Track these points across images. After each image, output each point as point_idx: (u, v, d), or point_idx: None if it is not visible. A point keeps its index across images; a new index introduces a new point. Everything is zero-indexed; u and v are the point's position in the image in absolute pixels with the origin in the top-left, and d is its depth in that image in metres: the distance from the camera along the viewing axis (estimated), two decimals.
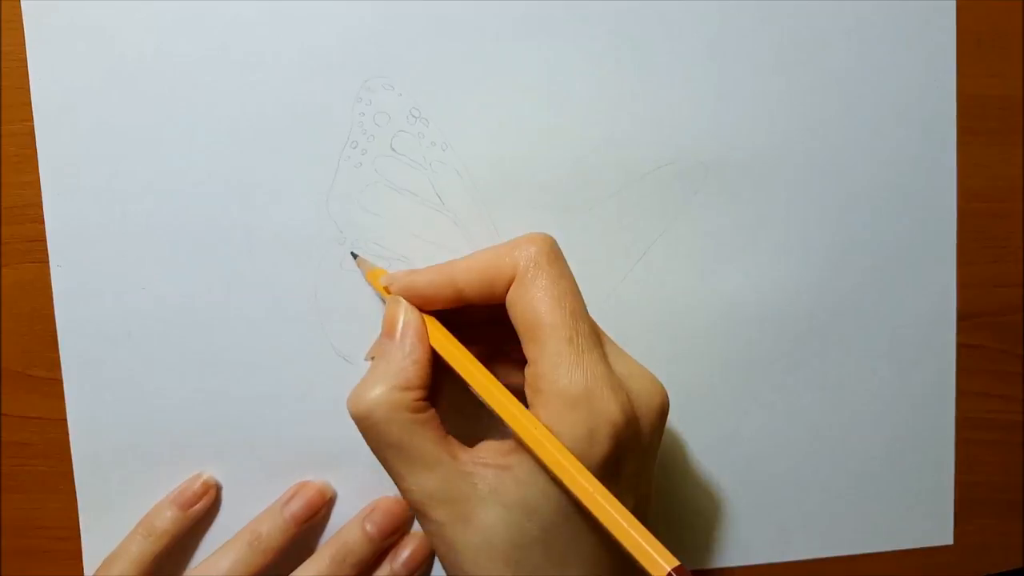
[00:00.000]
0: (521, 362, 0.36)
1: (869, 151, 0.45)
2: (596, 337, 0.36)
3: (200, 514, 0.43)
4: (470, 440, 0.36)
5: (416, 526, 0.45)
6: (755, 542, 0.47)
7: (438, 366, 0.37)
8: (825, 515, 0.48)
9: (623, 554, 0.32)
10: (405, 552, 0.44)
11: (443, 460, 0.34)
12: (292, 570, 0.42)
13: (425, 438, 0.35)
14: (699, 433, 0.46)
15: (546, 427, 0.33)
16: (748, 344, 0.46)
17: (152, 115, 0.41)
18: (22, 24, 0.40)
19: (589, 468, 0.32)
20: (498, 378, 0.36)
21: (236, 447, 0.44)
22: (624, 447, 0.34)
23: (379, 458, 0.36)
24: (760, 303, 0.45)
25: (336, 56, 0.41)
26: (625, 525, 0.31)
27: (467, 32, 0.42)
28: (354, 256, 0.43)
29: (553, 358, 0.34)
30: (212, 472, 0.44)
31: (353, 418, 0.35)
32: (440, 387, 0.37)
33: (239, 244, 0.42)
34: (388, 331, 0.37)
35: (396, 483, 0.35)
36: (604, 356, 0.35)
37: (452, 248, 0.43)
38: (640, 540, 0.30)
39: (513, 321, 0.36)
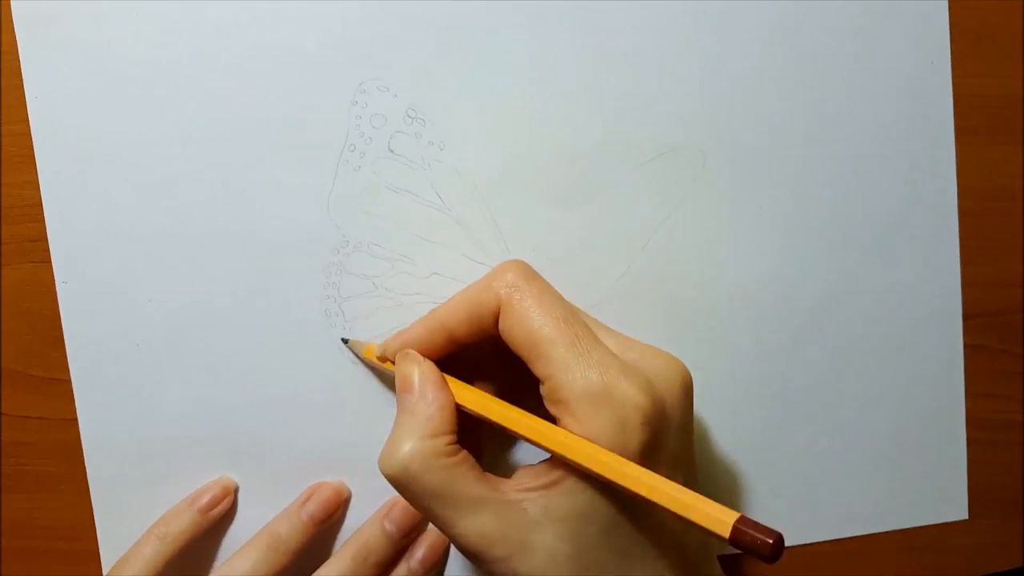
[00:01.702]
0: (535, 385, 0.37)
1: (866, 144, 0.45)
2: (595, 335, 0.36)
3: (218, 518, 0.43)
4: (504, 475, 0.37)
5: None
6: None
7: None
8: (837, 495, 0.48)
9: (680, 539, 0.34)
10: (420, 551, 0.44)
11: (488, 497, 0.35)
12: (311, 570, 0.42)
13: (466, 480, 0.35)
14: (706, 418, 0.46)
15: (574, 433, 0.34)
16: (752, 330, 0.46)
17: (150, 122, 0.41)
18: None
19: (629, 458, 0.33)
20: (523, 405, 0.36)
21: (244, 451, 0.44)
22: (657, 429, 0.34)
23: (423, 511, 0.36)
24: (763, 290, 0.45)
25: (331, 59, 0.41)
26: (679, 496, 0.31)
27: (460, 30, 0.42)
28: (345, 342, 0.43)
29: (562, 366, 0.34)
30: (222, 476, 0.44)
31: (389, 478, 0.35)
32: (463, 431, 0.37)
33: (240, 249, 0.42)
34: (405, 387, 0.37)
35: (446, 531, 0.35)
36: (609, 350, 0.36)
37: (454, 247, 0.43)
38: (698, 505, 0.31)
39: (513, 347, 0.37)
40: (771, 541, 0.29)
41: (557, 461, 0.35)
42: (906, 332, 0.46)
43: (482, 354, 0.39)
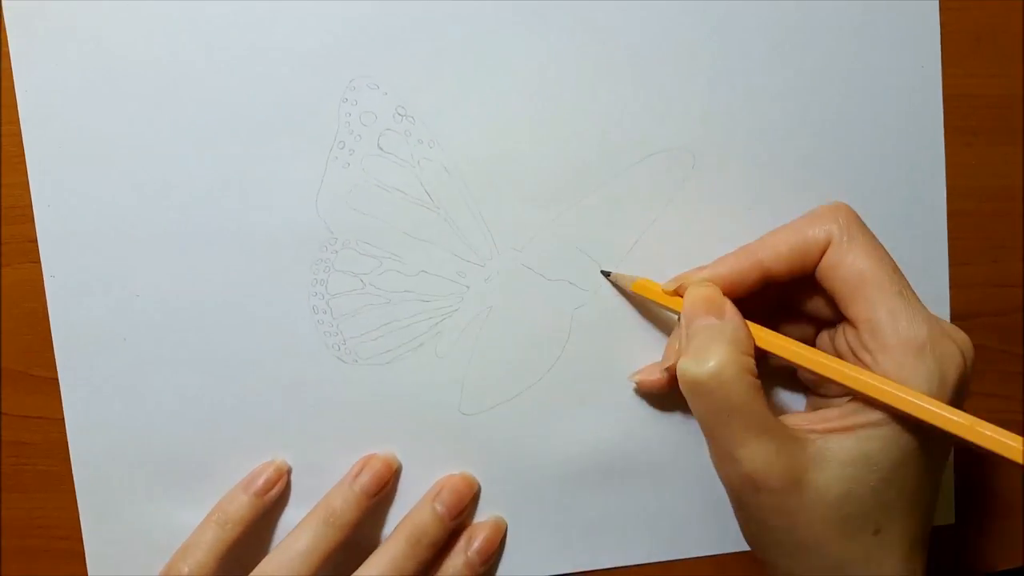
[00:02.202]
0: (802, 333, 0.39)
1: (857, 147, 0.45)
2: (915, 294, 0.37)
3: (274, 500, 0.44)
4: None
5: (481, 515, 0.46)
6: None
7: None
8: None
9: (932, 501, 0.37)
10: (477, 542, 0.44)
11: (779, 426, 0.35)
12: (363, 550, 0.43)
13: (764, 404, 0.35)
14: (692, 421, 0.45)
15: (893, 377, 0.35)
16: None
17: (139, 119, 0.41)
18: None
19: None
20: None
21: (231, 447, 0.44)
22: (964, 391, 0.36)
23: (716, 423, 0.36)
24: None
25: (321, 57, 0.42)
26: (1012, 443, 0.32)
27: (450, 29, 0.42)
28: (606, 274, 0.44)
29: (890, 310, 0.35)
30: (213, 475, 0.44)
31: (698, 382, 0.36)
32: None
33: (228, 245, 0.42)
34: (704, 310, 0.38)
35: (731, 449, 0.36)
36: (928, 311, 0.36)
37: (443, 245, 0.43)
38: (998, 436, 0.32)
39: (830, 286, 0.37)
40: None
41: (845, 409, 0.36)
42: None
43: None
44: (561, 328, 0.44)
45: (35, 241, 0.42)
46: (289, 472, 0.44)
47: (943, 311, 0.46)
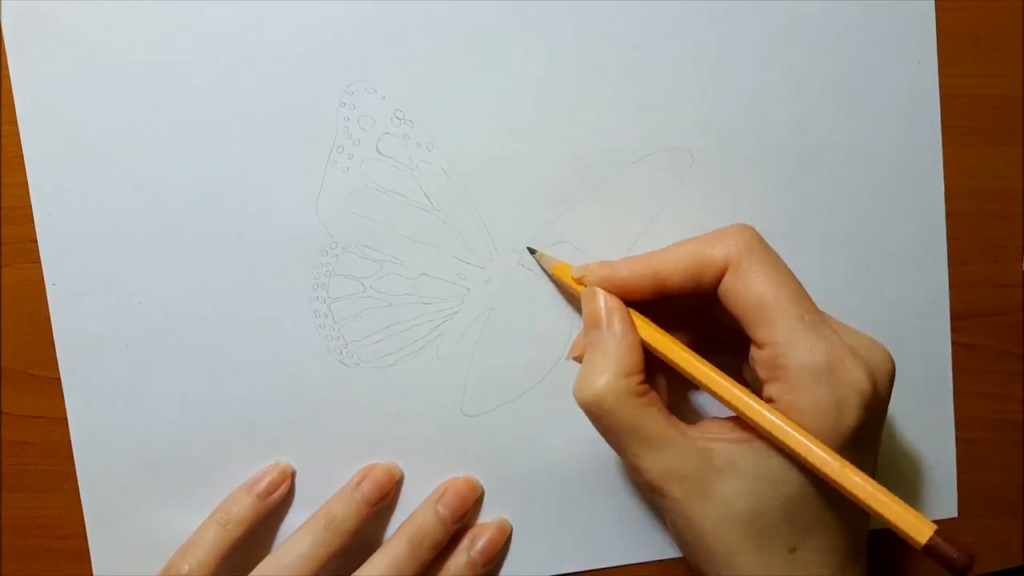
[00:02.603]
0: (719, 350, 0.38)
1: (855, 146, 0.45)
2: (822, 313, 0.37)
3: (277, 503, 0.44)
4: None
5: (484, 516, 0.46)
6: None
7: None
8: None
9: (852, 524, 0.36)
10: (481, 542, 0.45)
11: (676, 438, 0.35)
12: (363, 550, 0.43)
13: (655, 419, 0.36)
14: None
15: (780, 406, 0.35)
16: None
17: (139, 124, 0.41)
18: None
19: (839, 439, 0.34)
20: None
21: (233, 451, 0.44)
22: (871, 415, 0.35)
23: (612, 443, 0.37)
24: None
25: (319, 61, 0.41)
26: (881, 497, 0.32)
27: (447, 32, 0.42)
28: (531, 251, 0.43)
29: (789, 335, 0.35)
30: (216, 479, 0.44)
31: (583, 407, 0.36)
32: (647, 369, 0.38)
33: (229, 250, 0.42)
34: (594, 323, 0.38)
35: (632, 464, 0.36)
36: (833, 330, 0.36)
37: (443, 247, 0.43)
38: (899, 510, 0.31)
39: (731, 308, 0.37)
40: (966, 558, 0.29)
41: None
42: (894, 332, 0.45)
43: (672, 308, 0.40)
44: (562, 329, 0.44)
45: (35, 241, 0.42)
46: (293, 475, 0.44)
47: (943, 311, 0.46)
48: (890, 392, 0.37)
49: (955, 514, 0.48)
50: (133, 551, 0.44)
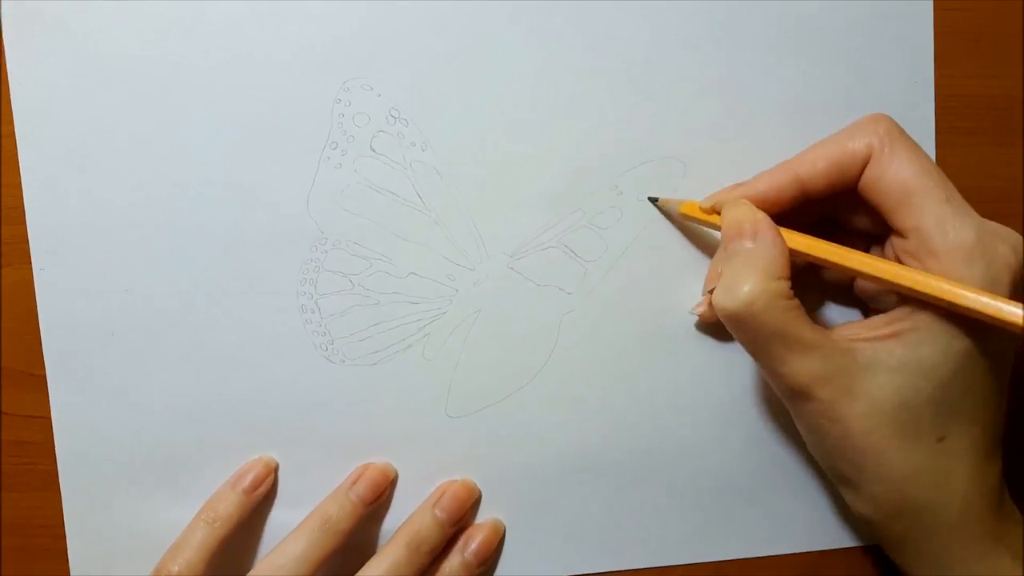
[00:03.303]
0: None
1: None
2: (962, 199, 0.37)
3: (262, 497, 0.44)
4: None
5: (481, 516, 0.46)
6: (755, 535, 0.46)
7: None
8: (819, 506, 0.47)
9: (998, 405, 0.37)
10: (475, 543, 0.44)
11: (822, 341, 0.36)
12: (359, 550, 0.44)
13: (803, 323, 0.36)
14: (689, 434, 0.45)
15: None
16: (732, 340, 0.45)
17: (132, 117, 0.42)
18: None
19: None
20: None
21: (219, 444, 0.44)
22: (1018, 290, 0.35)
23: (756, 348, 0.37)
24: None
25: (316, 58, 0.42)
26: None
27: (446, 32, 0.42)
28: (653, 201, 0.44)
29: (937, 218, 0.35)
30: (198, 474, 0.44)
31: (730, 313, 0.36)
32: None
33: (218, 242, 0.43)
34: (737, 233, 0.38)
35: (776, 369, 0.36)
36: (976, 214, 0.36)
37: (433, 247, 0.43)
38: None
39: (875, 198, 0.37)
40: None
41: (894, 315, 0.37)
42: None
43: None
44: (549, 333, 0.44)
45: None
46: (277, 469, 0.44)
47: None
48: None
49: None
50: (112, 544, 0.44)
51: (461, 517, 0.44)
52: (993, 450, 0.37)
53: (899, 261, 0.37)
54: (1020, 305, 0.32)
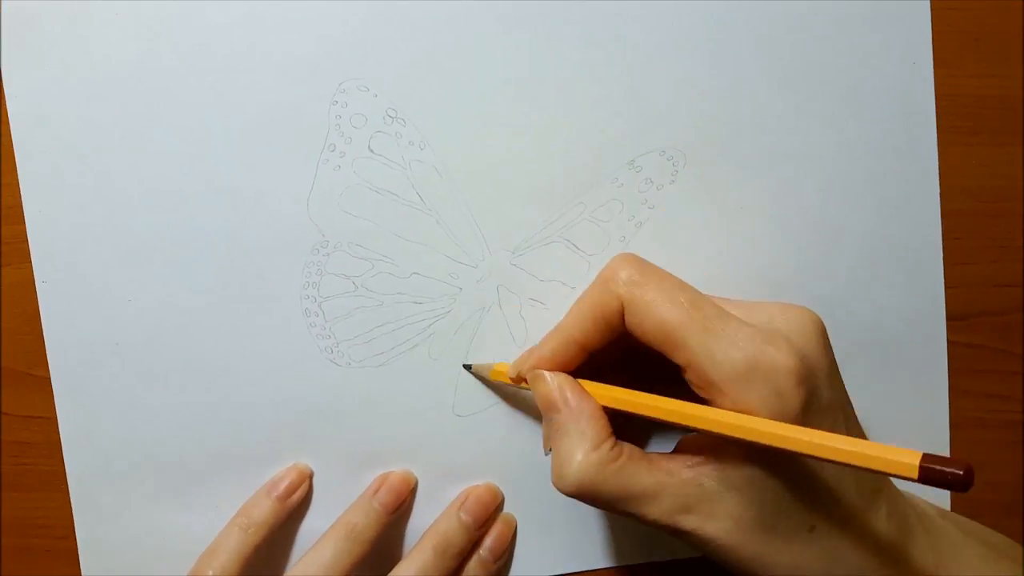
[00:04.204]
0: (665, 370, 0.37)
1: (850, 147, 0.44)
2: (722, 310, 0.36)
3: (296, 504, 0.44)
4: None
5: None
6: None
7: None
8: None
9: (862, 481, 0.36)
10: (489, 540, 0.45)
11: (665, 482, 0.36)
12: (384, 557, 0.44)
13: (638, 475, 0.36)
14: None
15: (729, 410, 0.34)
16: None
17: (130, 122, 0.41)
18: None
19: (794, 420, 0.34)
20: (657, 391, 0.37)
21: (226, 450, 0.44)
22: (811, 384, 0.35)
23: (609, 510, 0.37)
24: (742, 291, 0.44)
25: (311, 59, 0.41)
26: (856, 450, 0.31)
27: (440, 30, 0.42)
28: (468, 368, 0.44)
29: (702, 351, 0.35)
30: (208, 481, 0.44)
31: (569, 495, 0.36)
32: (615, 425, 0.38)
33: (219, 248, 0.42)
34: (550, 406, 0.38)
35: (639, 519, 0.36)
36: (742, 321, 0.36)
37: (435, 246, 0.43)
38: (878, 454, 0.30)
39: (645, 341, 0.37)
40: (962, 472, 0.28)
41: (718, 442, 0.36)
42: (889, 332, 0.46)
43: (604, 353, 0.40)
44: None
45: None
46: (311, 476, 0.45)
47: (938, 311, 0.46)
48: (825, 346, 0.37)
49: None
50: (123, 551, 0.44)
51: (486, 520, 0.45)
52: (872, 504, 0.37)
53: (695, 391, 0.36)
54: (807, 431, 0.32)
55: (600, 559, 0.47)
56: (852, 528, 0.36)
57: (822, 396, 0.35)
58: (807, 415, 0.34)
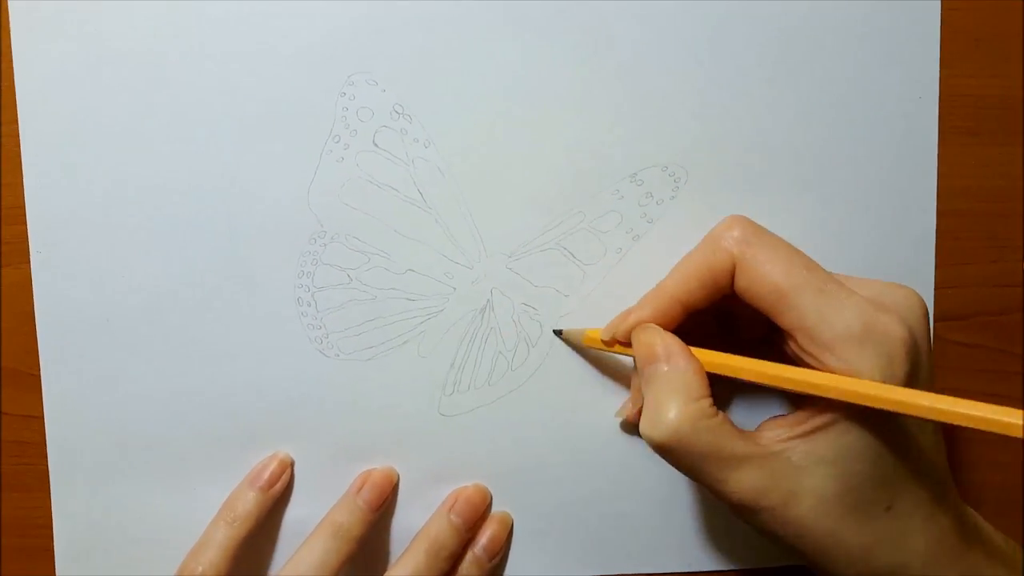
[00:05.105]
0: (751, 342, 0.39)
1: (849, 154, 0.44)
2: (834, 277, 0.37)
3: (279, 494, 0.44)
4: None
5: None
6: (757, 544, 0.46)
7: None
8: None
9: (934, 460, 0.37)
10: (483, 539, 0.45)
11: (754, 450, 0.36)
12: (376, 559, 0.45)
13: (731, 438, 0.36)
14: None
15: (844, 373, 0.35)
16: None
17: (136, 109, 0.42)
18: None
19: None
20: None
21: (211, 436, 0.44)
22: (916, 357, 0.35)
23: (692, 471, 0.36)
24: None
25: (321, 51, 0.42)
26: (963, 411, 0.31)
27: (452, 30, 0.42)
28: (558, 333, 0.44)
29: (817, 312, 0.35)
30: (189, 464, 0.44)
31: (659, 444, 0.36)
32: None
33: (217, 232, 0.43)
34: (653, 357, 0.38)
35: (716, 488, 0.36)
36: (851, 290, 0.36)
37: (432, 245, 0.43)
38: (983, 414, 0.31)
39: (754, 303, 0.37)
40: None
41: (813, 409, 0.36)
42: None
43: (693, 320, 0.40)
44: (545, 335, 0.44)
45: None
46: (292, 464, 0.44)
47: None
48: (927, 326, 0.37)
49: None
50: (100, 535, 0.44)
51: (476, 521, 0.44)
52: (943, 495, 0.37)
53: (798, 356, 0.37)
54: (913, 392, 0.33)
55: (585, 566, 0.46)
56: (924, 514, 0.36)
57: (921, 372, 0.36)
58: (909, 386, 0.34)
